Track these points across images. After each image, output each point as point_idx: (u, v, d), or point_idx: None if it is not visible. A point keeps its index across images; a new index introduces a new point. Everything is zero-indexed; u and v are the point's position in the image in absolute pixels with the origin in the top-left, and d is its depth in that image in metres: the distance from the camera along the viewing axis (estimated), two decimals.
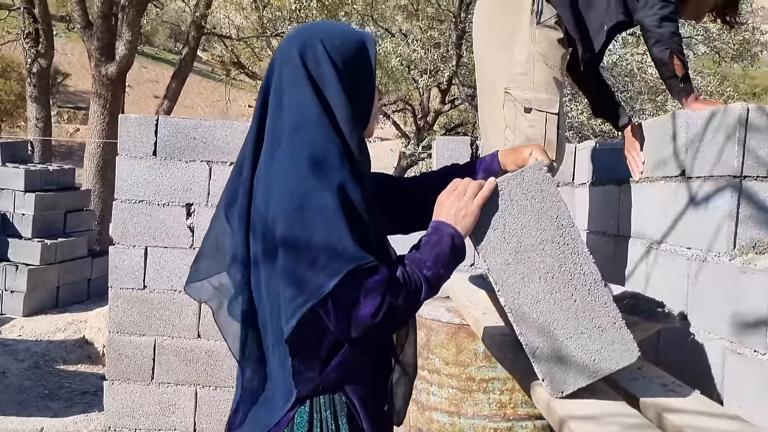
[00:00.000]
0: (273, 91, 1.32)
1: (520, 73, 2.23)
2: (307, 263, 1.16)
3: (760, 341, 1.70)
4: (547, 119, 2.21)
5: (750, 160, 1.89)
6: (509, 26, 2.26)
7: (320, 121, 1.26)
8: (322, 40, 1.31)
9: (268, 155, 1.28)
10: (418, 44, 7.35)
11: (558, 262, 1.45)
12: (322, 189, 1.19)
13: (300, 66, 1.29)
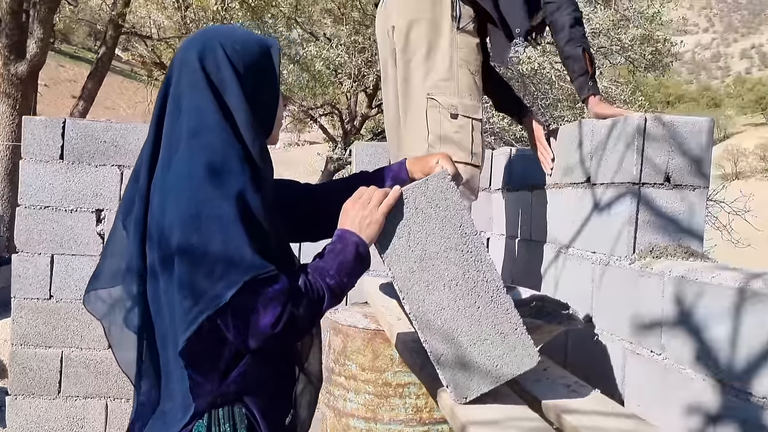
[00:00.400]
0: (171, 95, 1.27)
1: (444, 79, 2.22)
2: (204, 273, 1.13)
3: (656, 342, 1.77)
4: (473, 125, 2.22)
5: (648, 167, 1.97)
6: (430, 32, 2.23)
7: (219, 127, 1.22)
8: (223, 44, 1.28)
9: (165, 161, 1.24)
10: (342, 48, 7.33)
11: (462, 270, 1.47)
12: (220, 197, 1.16)
13: (199, 70, 1.25)
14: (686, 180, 1.99)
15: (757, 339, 1.38)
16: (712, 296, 1.53)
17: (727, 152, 63.70)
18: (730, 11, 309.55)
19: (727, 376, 1.47)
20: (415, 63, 2.28)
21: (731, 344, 1.46)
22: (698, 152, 1.99)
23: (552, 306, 2.01)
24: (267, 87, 1.33)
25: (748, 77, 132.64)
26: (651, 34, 8.58)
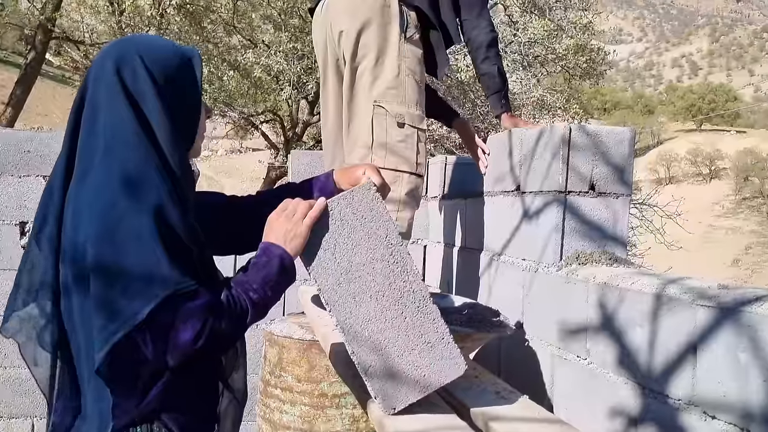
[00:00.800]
0: (87, 106, 1.23)
1: (391, 87, 2.20)
2: (120, 290, 1.10)
3: (582, 347, 1.81)
4: (418, 135, 2.22)
5: (573, 176, 2.02)
6: (379, 38, 2.21)
7: (138, 140, 1.19)
8: (141, 54, 1.24)
9: (80, 174, 1.20)
10: (281, 55, 7.28)
11: (388, 281, 1.47)
12: (136, 211, 1.13)
13: (117, 81, 1.22)
14: (610, 188, 2.04)
15: (673, 343, 1.42)
16: (632, 302, 1.58)
17: (660, 157, 66.01)
18: (662, 21, 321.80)
19: (647, 379, 1.51)
20: (363, 69, 2.24)
21: (650, 348, 1.50)
22: (621, 161, 2.05)
23: (483, 313, 2.04)
24: (187, 99, 1.30)
25: (679, 85, 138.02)
26: (585, 43, 8.84)
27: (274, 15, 9.59)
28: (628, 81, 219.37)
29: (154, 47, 1.28)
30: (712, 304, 1.30)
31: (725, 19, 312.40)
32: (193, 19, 10.15)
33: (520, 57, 7.49)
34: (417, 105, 2.23)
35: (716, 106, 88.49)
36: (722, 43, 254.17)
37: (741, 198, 55.38)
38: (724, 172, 61.34)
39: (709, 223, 51.66)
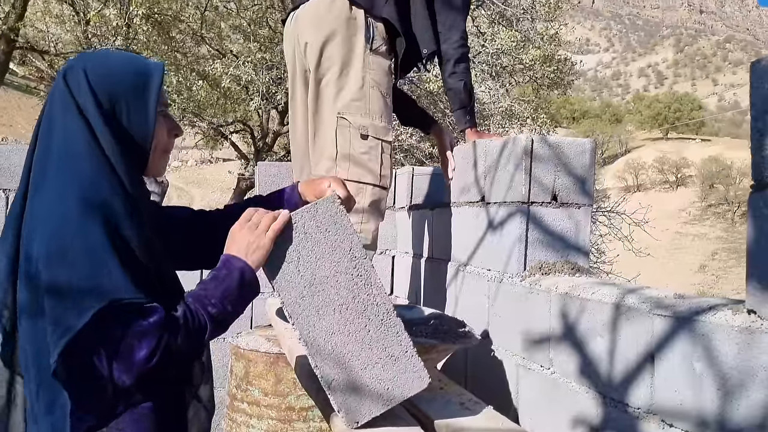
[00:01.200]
0: (43, 121, 1.24)
1: (355, 99, 2.20)
2: (67, 304, 1.09)
3: (545, 357, 1.82)
4: (382, 147, 2.21)
5: (536, 187, 2.04)
6: (344, 49, 2.21)
7: (89, 151, 1.19)
8: (86, 69, 1.24)
9: (34, 188, 1.19)
10: (249, 66, 7.25)
11: (351, 294, 1.47)
12: (89, 225, 1.12)
13: (67, 94, 1.22)
14: (572, 198, 2.07)
15: (632, 352, 1.44)
16: (592, 312, 1.60)
17: (628, 165, 67.07)
18: (628, 32, 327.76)
19: (607, 388, 1.53)
20: (327, 81, 2.24)
21: (610, 358, 1.52)
22: (582, 172, 2.08)
23: (449, 324, 2.05)
24: (137, 116, 1.27)
25: (646, 94, 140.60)
26: (552, 54, 8.96)
27: (243, 25, 9.56)
28: (596, 90, 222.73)
29: (105, 62, 1.28)
30: (668, 314, 1.32)
31: (689, 30, 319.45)
32: (161, 29, 10.06)
33: (488, 67, 7.57)
34: (381, 117, 2.22)
35: (681, 115, 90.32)
36: (687, 53, 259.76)
37: (707, 205, 56.49)
38: (690, 180, 62.55)
39: (677, 230, 52.58)
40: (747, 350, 1.11)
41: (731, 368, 1.15)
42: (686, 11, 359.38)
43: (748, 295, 1.14)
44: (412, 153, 7.54)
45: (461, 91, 2.33)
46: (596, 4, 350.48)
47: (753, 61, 1.16)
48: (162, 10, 9.46)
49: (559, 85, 11.30)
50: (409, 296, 3.19)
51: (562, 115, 79.89)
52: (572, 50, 13.49)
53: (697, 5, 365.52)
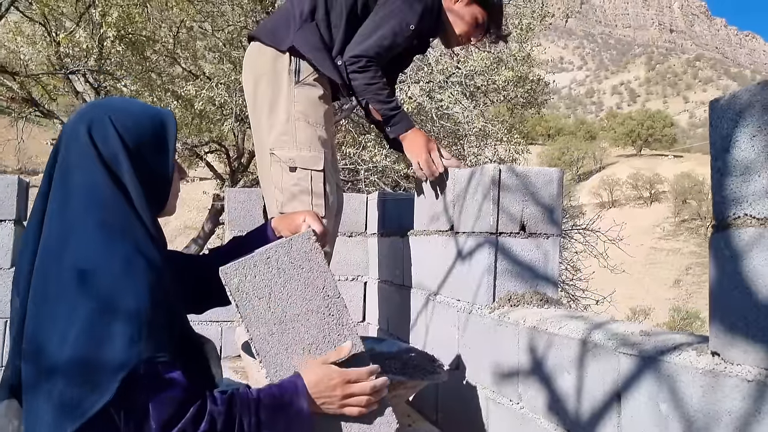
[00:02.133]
0: (59, 168, 1.22)
1: (282, 134, 2.24)
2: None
3: (514, 391, 1.80)
4: (312, 176, 2.23)
5: (504, 217, 2.02)
6: (272, 89, 2.26)
7: (115, 203, 1.19)
8: (113, 119, 1.24)
9: (60, 238, 1.16)
10: (222, 87, 7.21)
11: (322, 333, 1.43)
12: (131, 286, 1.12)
13: (89, 145, 1.21)
14: (540, 228, 2.06)
15: (599, 390, 1.42)
16: (560, 347, 1.58)
17: (603, 182, 67.92)
18: (601, 50, 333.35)
19: (575, 426, 1.51)
20: (260, 120, 2.30)
21: (577, 394, 1.50)
22: (550, 201, 2.07)
23: (419, 359, 2.02)
24: (160, 162, 1.30)
25: (619, 112, 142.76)
26: (525, 74, 9.04)
27: (218, 45, 9.52)
28: (571, 108, 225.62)
29: (127, 111, 1.28)
30: (633, 352, 1.31)
31: (660, 48, 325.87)
32: (134, 49, 9.98)
33: (462, 88, 7.61)
34: (310, 147, 2.24)
35: (654, 132, 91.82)
36: (658, 71, 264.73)
37: (680, 220, 57.31)
38: (664, 195, 63.48)
39: (651, 245, 53.21)
40: (711, 393, 1.10)
41: (696, 411, 1.13)
42: (657, 30, 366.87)
43: (711, 337, 1.13)
44: (387, 174, 7.53)
45: (368, 109, 2.33)
46: (569, 23, 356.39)
47: (712, 101, 1.15)
48: (135, 31, 9.39)
49: (534, 104, 11.40)
50: (381, 323, 3.16)
51: (538, 132, 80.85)
52: (546, 69, 13.62)
53: (668, 24, 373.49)
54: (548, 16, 9.36)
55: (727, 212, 1.10)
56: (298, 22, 2.26)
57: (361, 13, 2.30)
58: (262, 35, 2.32)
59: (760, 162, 1.04)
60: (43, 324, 1.11)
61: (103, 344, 1.07)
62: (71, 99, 11.87)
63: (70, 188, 1.19)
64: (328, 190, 2.26)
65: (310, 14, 2.27)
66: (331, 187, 2.28)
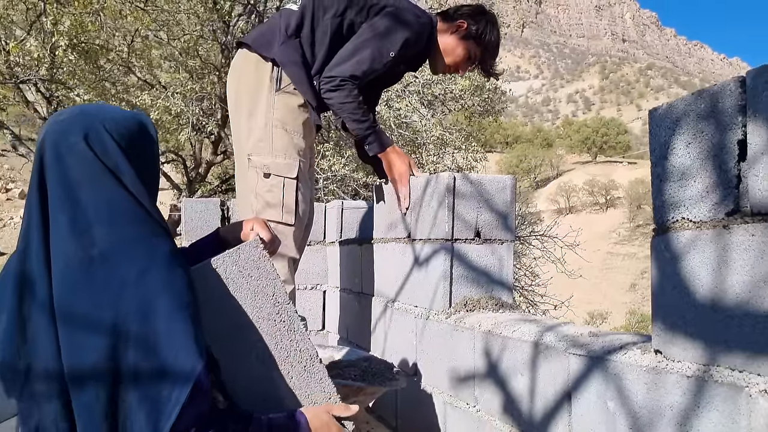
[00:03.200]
0: (59, 183, 1.18)
1: (260, 140, 2.26)
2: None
3: (471, 394, 1.83)
4: (285, 184, 2.24)
5: (459, 224, 2.06)
6: (252, 94, 2.29)
7: (135, 212, 1.19)
8: (107, 128, 1.23)
9: (82, 254, 1.14)
10: (178, 97, 7.13)
11: (274, 340, 1.44)
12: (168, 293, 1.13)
13: (94, 158, 1.19)
14: (495, 234, 2.10)
15: (551, 390, 1.46)
16: (513, 349, 1.62)
17: (560, 188, 69.08)
18: (556, 59, 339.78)
19: (529, 426, 1.54)
20: (240, 124, 2.32)
21: (530, 395, 1.54)
22: (504, 208, 2.11)
23: (378, 366, 2.03)
24: (151, 163, 1.30)
25: (575, 119, 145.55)
26: (482, 84, 9.17)
27: (174, 54, 9.42)
28: (528, 116, 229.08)
29: (114, 119, 1.27)
30: (582, 353, 1.35)
31: (613, 57, 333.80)
32: (88, 58, 9.81)
33: (420, 96, 7.67)
34: (285, 154, 2.26)
35: (609, 139, 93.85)
36: (612, 80, 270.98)
37: (635, 225, 58.60)
38: (619, 201, 64.84)
39: (608, 251, 54.26)
40: (654, 390, 1.14)
41: (641, 407, 1.18)
42: (610, 40, 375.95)
43: (654, 336, 1.18)
44: (346, 182, 7.54)
45: (345, 129, 2.37)
46: (525, 33, 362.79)
47: (650, 110, 1.21)
48: (89, 39, 9.24)
49: (491, 112, 11.56)
50: (340, 331, 3.17)
51: (496, 140, 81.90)
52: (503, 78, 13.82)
53: (620, 34, 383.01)
54: (504, 26, 9.52)
55: (666, 216, 1.15)
56: (282, 37, 2.29)
57: (346, 32, 2.32)
58: (250, 42, 2.35)
59: (695, 168, 1.09)
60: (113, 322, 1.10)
61: (175, 339, 1.09)
62: (21, 109, 11.60)
63: (83, 205, 1.16)
64: (300, 199, 2.27)
65: (295, 30, 2.29)
66: (303, 196, 2.29)
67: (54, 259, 1.14)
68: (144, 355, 1.07)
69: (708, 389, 1.03)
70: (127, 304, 1.09)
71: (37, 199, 1.18)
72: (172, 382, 1.07)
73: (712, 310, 1.04)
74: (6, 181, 28.66)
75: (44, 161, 1.19)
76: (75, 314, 1.11)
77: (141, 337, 1.08)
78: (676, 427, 1.09)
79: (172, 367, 1.08)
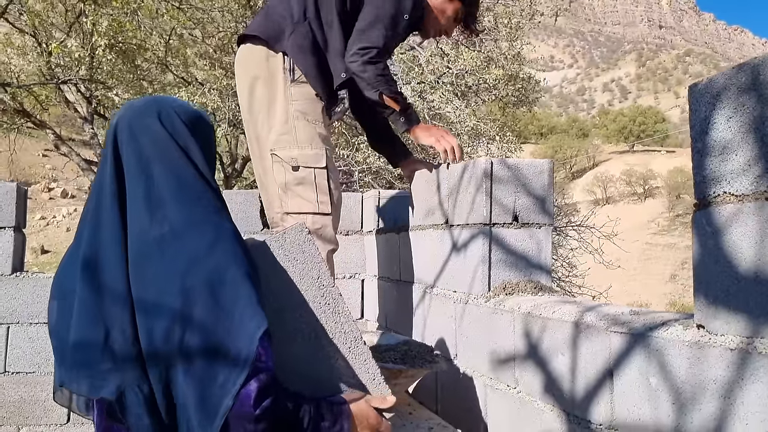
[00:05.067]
0: (135, 157, 1.25)
1: (282, 133, 2.25)
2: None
3: (511, 376, 1.84)
4: (316, 174, 2.24)
5: (497, 208, 2.07)
6: (267, 89, 2.27)
7: (203, 189, 1.26)
8: (178, 112, 1.32)
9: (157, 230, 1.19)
10: (215, 93, 7.24)
11: (319, 322, 1.48)
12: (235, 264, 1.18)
13: (166, 136, 1.27)
14: (532, 218, 2.11)
15: (592, 369, 1.47)
16: (554, 330, 1.63)
17: (596, 179, 68.05)
18: (591, 48, 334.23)
19: (570, 405, 1.55)
20: (260, 122, 2.31)
21: (571, 375, 1.55)
22: (541, 192, 2.12)
23: (417, 350, 2.06)
24: (212, 146, 1.38)
25: (611, 109, 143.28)
26: (516, 73, 9.12)
27: (209, 52, 9.56)
28: (562, 106, 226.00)
29: (182, 107, 1.36)
30: (624, 330, 1.36)
31: (650, 44, 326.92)
32: (125, 58, 10.02)
33: (453, 87, 7.66)
34: (311, 144, 2.26)
35: (646, 128, 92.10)
36: (648, 67, 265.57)
37: (675, 215, 57.45)
38: (657, 191, 63.64)
39: (646, 241, 53.33)
40: (697, 364, 1.15)
41: (684, 382, 1.18)
42: (646, 27, 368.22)
43: (696, 311, 1.18)
44: (381, 175, 7.58)
45: (380, 101, 2.29)
46: (559, 22, 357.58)
47: (690, 85, 1.21)
48: (126, 39, 9.43)
49: (525, 102, 11.47)
50: (379, 319, 3.20)
51: (530, 131, 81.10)
52: (537, 68, 13.74)
53: (657, 20, 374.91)
54: (537, 15, 9.44)
55: (707, 191, 1.15)
56: (290, 25, 2.27)
57: (350, 7, 2.31)
58: (253, 36, 2.32)
59: (736, 142, 1.09)
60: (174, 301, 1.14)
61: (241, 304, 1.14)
62: (63, 109, 11.90)
63: (155, 179, 1.23)
64: (332, 186, 2.28)
65: (302, 15, 2.28)
66: (335, 184, 2.30)
67: (131, 235, 1.20)
68: (210, 321, 1.12)
69: (752, 361, 1.03)
70: (196, 277, 1.14)
71: (113, 179, 1.24)
72: (239, 342, 1.12)
73: (755, 282, 1.04)
74: (48, 180, 29.39)
75: (119, 140, 1.27)
76: (148, 289, 1.17)
77: (209, 306, 1.13)
78: (720, 400, 1.10)
79: (239, 329, 1.12)
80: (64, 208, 26.65)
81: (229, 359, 1.12)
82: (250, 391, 1.12)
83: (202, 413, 1.12)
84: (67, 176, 27.11)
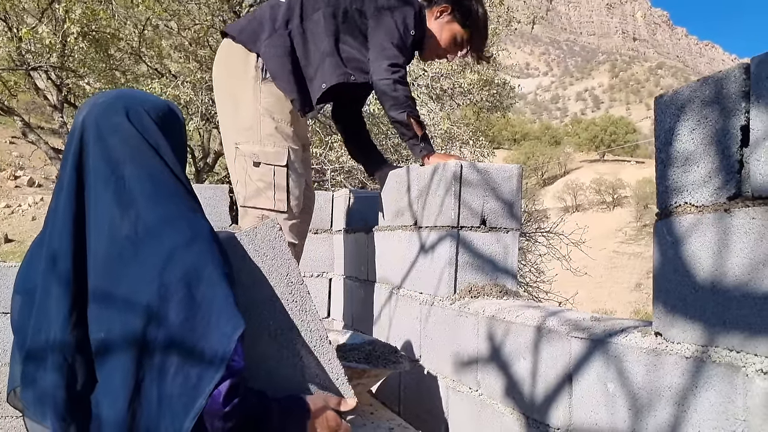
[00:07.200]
0: (103, 159, 1.21)
1: (247, 128, 2.26)
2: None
3: (473, 378, 1.85)
4: (275, 172, 2.25)
5: (465, 211, 2.08)
6: (239, 84, 2.29)
7: (176, 187, 1.24)
8: (146, 109, 1.28)
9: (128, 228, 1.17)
10: (188, 86, 7.17)
11: (287, 319, 1.47)
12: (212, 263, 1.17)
13: (136, 135, 1.24)
14: (500, 222, 2.12)
15: (552, 373, 1.49)
16: (516, 334, 1.64)
17: (567, 186, 68.93)
18: (566, 57, 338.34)
19: (530, 409, 1.57)
20: (227, 114, 2.33)
21: (532, 378, 1.56)
22: (510, 197, 2.13)
23: (381, 350, 2.07)
24: (183, 142, 1.36)
25: (583, 118, 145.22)
26: (491, 78, 9.18)
27: (184, 44, 9.44)
28: (536, 113, 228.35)
29: (151, 102, 1.32)
30: (584, 336, 1.37)
31: (623, 56, 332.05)
32: (98, 46, 9.86)
33: (428, 90, 7.69)
34: (274, 143, 2.26)
35: (617, 138, 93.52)
36: (621, 78, 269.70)
37: (642, 225, 58.40)
38: (626, 200, 64.65)
39: (614, 249, 54.14)
40: (654, 371, 1.17)
41: (640, 388, 1.20)
42: (620, 38, 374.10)
43: (654, 318, 1.20)
44: (353, 174, 7.57)
45: (407, 122, 2.30)
46: (535, 30, 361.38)
47: (657, 96, 1.22)
48: (99, 28, 9.28)
49: (499, 108, 11.56)
50: (345, 318, 3.20)
51: (504, 137, 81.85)
52: (512, 74, 13.87)
53: (631, 33, 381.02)
54: (514, 21, 9.52)
55: (669, 201, 1.17)
56: (269, 30, 2.28)
57: (342, 19, 2.32)
58: (235, 33, 2.34)
59: (698, 153, 1.11)
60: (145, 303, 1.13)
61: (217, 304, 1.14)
62: (32, 96, 11.66)
63: (127, 180, 1.19)
64: (292, 185, 2.28)
65: (284, 24, 2.30)
66: (295, 183, 2.30)
67: (95, 235, 1.17)
68: (186, 319, 1.11)
69: (706, 369, 1.05)
70: (173, 273, 1.12)
71: (74, 179, 1.21)
72: (216, 342, 1.10)
73: (711, 292, 1.06)
74: (15, 168, 28.80)
75: (84, 141, 1.23)
76: (119, 286, 1.15)
77: (185, 303, 1.12)
78: (675, 406, 1.11)
79: (215, 329, 1.11)
80: (30, 197, 26.14)
81: (204, 359, 1.10)
82: (220, 388, 1.11)
83: (174, 411, 1.10)
84: (34, 164, 26.60)
